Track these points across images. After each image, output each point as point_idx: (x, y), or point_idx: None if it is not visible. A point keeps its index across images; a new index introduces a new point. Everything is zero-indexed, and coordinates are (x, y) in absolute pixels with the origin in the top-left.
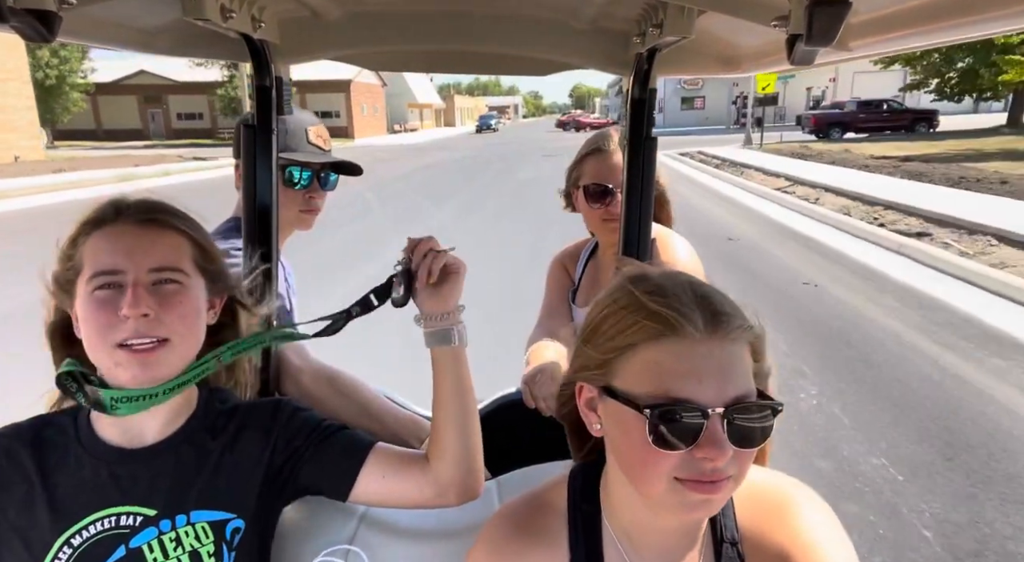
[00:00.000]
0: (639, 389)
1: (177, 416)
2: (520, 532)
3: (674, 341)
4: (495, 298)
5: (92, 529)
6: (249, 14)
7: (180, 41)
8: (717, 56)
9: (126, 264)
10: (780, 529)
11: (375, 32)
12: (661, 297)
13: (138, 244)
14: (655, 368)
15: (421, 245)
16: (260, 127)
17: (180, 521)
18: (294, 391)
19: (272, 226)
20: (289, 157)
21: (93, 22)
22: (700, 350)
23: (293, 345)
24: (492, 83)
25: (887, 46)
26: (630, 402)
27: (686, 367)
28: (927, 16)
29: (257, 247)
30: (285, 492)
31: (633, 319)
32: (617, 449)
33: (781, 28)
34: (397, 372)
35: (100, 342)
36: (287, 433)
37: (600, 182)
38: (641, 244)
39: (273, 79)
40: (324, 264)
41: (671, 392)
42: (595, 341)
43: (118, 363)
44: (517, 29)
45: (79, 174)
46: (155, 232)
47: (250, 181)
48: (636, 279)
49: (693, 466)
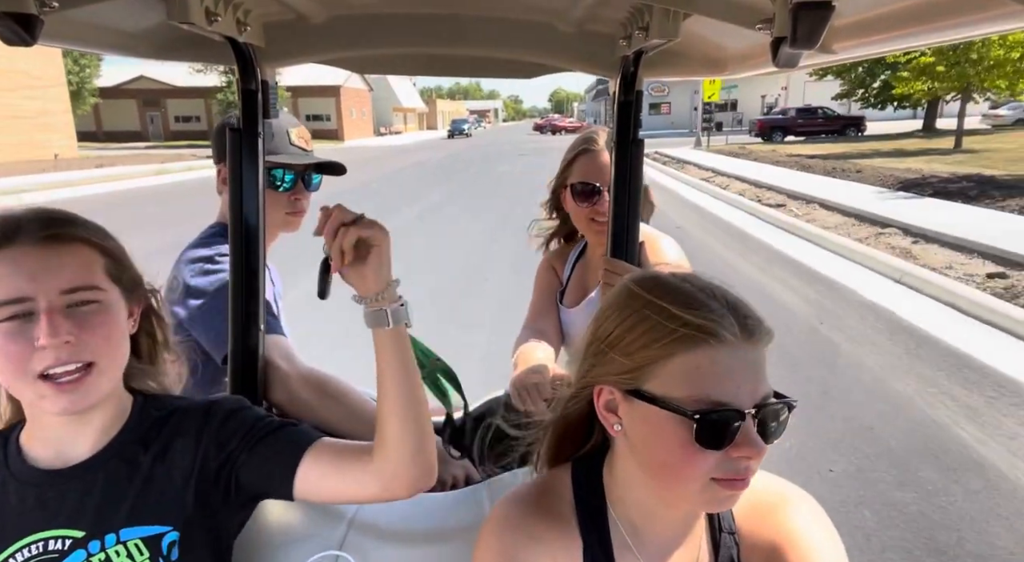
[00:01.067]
0: (678, 393)
1: (109, 429)
2: (534, 514)
3: (712, 347)
4: (479, 247)
5: (19, 557)
6: (234, 18)
7: (165, 45)
8: (703, 59)
9: (33, 289)
10: (773, 525)
11: (361, 35)
12: (695, 308)
13: (43, 266)
14: (695, 373)
15: (331, 220)
16: (246, 131)
17: (109, 541)
18: (282, 397)
19: (259, 231)
20: (274, 159)
21: (75, 26)
22: (736, 354)
23: (281, 350)
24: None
25: (871, 48)
26: (671, 406)
27: (724, 371)
28: (910, 19)
29: (243, 252)
30: (229, 497)
31: (670, 328)
32: (645, 449)
33: (766, 31)
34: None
35: (19, 375)
36: (219, 436)
37: (587, 181)
38: (629, 245)
39: (259, 83)
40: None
41: (712, 395)
42: (624, 348)
43: (43, 396)
44: (503, 32)
45: (118, 169)
46: (60, 248)
47: (236, 185)
48: (661, 289)
49: (729, 465)
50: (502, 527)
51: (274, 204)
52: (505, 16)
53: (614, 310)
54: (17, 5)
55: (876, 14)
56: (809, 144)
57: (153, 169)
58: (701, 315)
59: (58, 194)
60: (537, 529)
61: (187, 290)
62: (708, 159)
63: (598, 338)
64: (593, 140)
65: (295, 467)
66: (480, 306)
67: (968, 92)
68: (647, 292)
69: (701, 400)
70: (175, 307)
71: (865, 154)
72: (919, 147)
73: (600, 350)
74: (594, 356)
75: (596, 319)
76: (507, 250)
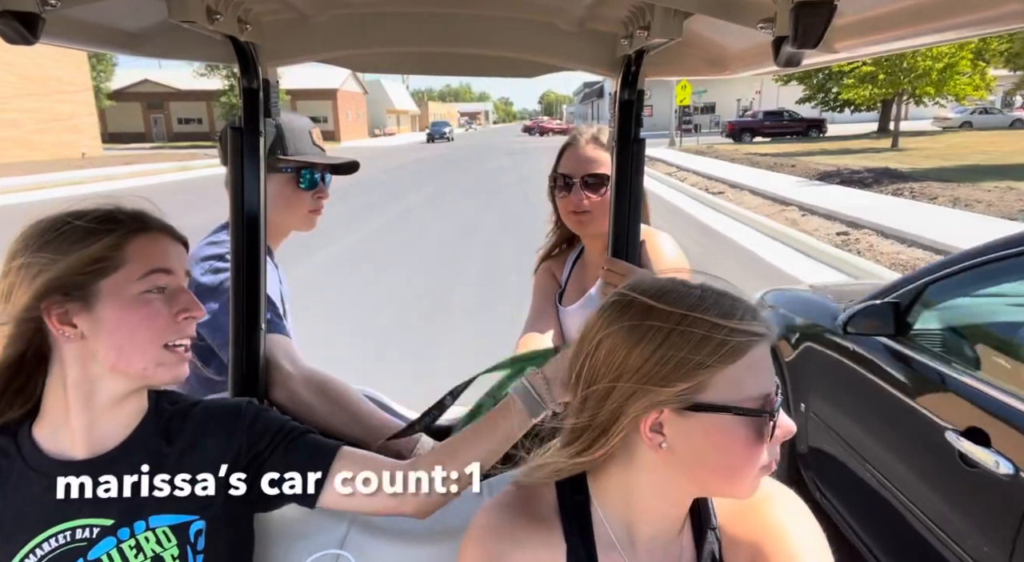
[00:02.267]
0: (736, 395)
1: (131, 422)
2: (515, 518)
3: (756, 347)
4: (474, 218)
5: (47, 546)
6: (235, 16)
7: (165, 43)
8: (705, 58)
9: (175, 267)
10: (755, 521)
11: (362, 34)
12: (732, 314)
13: (174, 250)
14: (748, 374)
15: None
16: (247, 129)
17: (139, 527)
18: (284, 397)
19: (261, 230)
20: (301, 159)
21: (76, 24)
22: (765, 348)
23: (285, 350)
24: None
25: (872, 48)
26: (738, 411)
27: (766, 364)
28: (911, 18)
29: (245, 251)
30: (251, 496)
31: (719, 339)
32: (703, 458)
33: (767, 30)
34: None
35: (151, 342)
36: (251, 436)
37: (565, 172)
38: (630, 245)
39: (260, 81)
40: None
41: (763, 390)
42: (669, 374)
43: (161, 363)
44: (504, 31)
45: (144, 165)
46: (176, 241)
47: (238, 184)
48: (684, 300)
49: (772, 452)
50: (484, 534)
51: (299, 203)
52: (506, 15)
53: (634, 334)
54: (19, 4)
55: (877, 13)
56: (773, 144)
57: (177, 166)
58: (741, 321)
59: (102, 186)
60: (519, 533)
61: (197, 288)
62: (677, 157)
63: (628, 371)
64: (579, 133)
65: (323, 480)
66: (477, 242)
67: (902, 97)
68: (672, 305)
69: (757, 397)
70: None
71: (813, 152)
72: (864, 146)
73: (637, 383)
74: (630, 393)
75: (610, 350)
76: (495, 218)
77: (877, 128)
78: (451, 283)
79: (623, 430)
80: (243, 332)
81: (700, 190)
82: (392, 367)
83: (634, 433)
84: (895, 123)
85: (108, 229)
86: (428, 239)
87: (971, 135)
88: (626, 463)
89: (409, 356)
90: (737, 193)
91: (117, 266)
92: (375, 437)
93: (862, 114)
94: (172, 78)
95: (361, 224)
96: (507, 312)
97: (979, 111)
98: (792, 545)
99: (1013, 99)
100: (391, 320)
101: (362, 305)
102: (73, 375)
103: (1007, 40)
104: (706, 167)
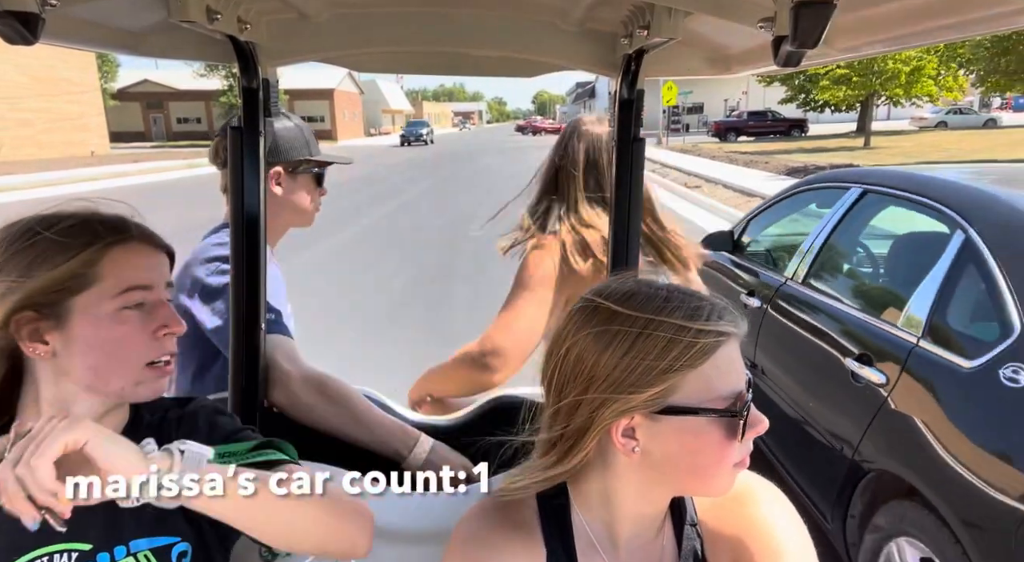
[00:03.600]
0: (708, 395)
1: None
2: (495, 524)
3: (725, 345)
4: (469, 206)
5: None
6: (235, 15)
7: (165, 43)
8: (704, 57)
9: (155, 280)
10: (737, 516)
11: (362, 33)
12: (699, 314)
13: (155, 261)
14: (717, 373)
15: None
16: (247, 129)
17: (119, 553)
18: (283, 398)
19: (261, 230)
20: (321, 158)
21: (77, 24)
22: (734, 346)
23: (284, 350)
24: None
25: (872, 47)
26: (710, 412)
27: (735, 361)
28: (911, 17)
29: (245, 251)
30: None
31: (687, 341)
32: (675, 460)
33: (767, 29)
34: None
35: (129, 363)
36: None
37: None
38: (630, 245)
39: (260, 81)
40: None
41: (733, 387)
42: (636, 380)
43: (140, 382)
44: (504, 30)
45: (153, 163)
46: (157, 249)
47: (237, 184)
48: (647, 302)
49: (744, 448)
50: (464, 543)
51: (314, 201)
52: (506, 15)
53: (601, 340)
54: (18, 3)
55: (877, 12)
56: (756, 143)
57: (184, 163)
58: (707, 322)
59: (115, 183)
60: (499, 540)
61: (204, 289)
62: (663, 155)
63: (596, 379)
64: (581, 119)
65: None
66: (477, 211)
67: (873, 98)
68: (638, 309)
69: (728, 396)
70: (190, 305)
71: (791, 151)
72: (839, 145)
73: (606, 391)
74: (600, 403)
75: (578, 358)
76: (487, 205)
77: (856, 128)
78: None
79: (596, 437)
80: (243, 332)
81: (679, 185)
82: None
83: (608, 438)
84: (867, 123)
85: (82, 242)
86: (431, 224)
87: (944, 134)
88: (603, 467)
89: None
90: (712, 187)
91: (91, 282)
92: (375, 437)
93: (843, 114)
94: (171, 78)
95: (369, 211)
96: (499, 275)
97: (954, 111)
98: (774, 541)
99: (990, 99)
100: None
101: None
102: (47, 393)
103: (960, 46)
104: (688, 164)
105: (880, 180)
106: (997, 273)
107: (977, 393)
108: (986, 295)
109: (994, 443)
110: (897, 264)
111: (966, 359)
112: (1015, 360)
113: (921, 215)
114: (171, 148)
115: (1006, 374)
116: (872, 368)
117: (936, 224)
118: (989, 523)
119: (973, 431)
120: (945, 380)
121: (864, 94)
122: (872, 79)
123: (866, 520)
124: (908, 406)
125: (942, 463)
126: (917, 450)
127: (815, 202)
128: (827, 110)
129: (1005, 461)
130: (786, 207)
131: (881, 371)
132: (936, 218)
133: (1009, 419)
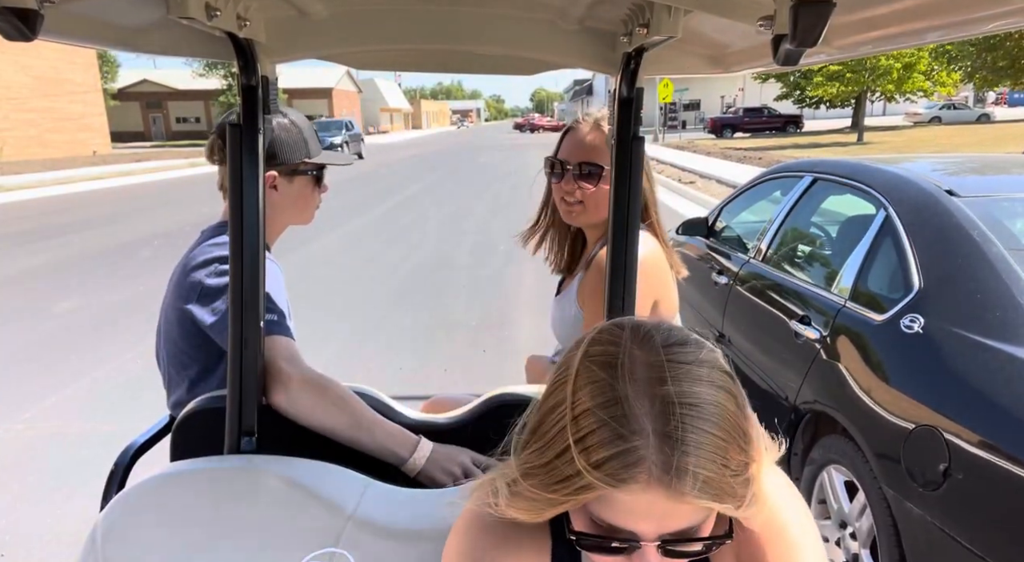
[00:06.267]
0: (607, 516)
1: None
2: (500, 522)
3: (620, 492)
4: (471, 195)
5: None
6: (234, 12)
7: (165, 40)
8: (704, 56)
9: (646, 529)
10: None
11: (362, 31)
12: (609, 445)
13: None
14: (613, 506)
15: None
16: (246, 127)
17: None
18: (282, 399)
19: (260, 229)
20: (325, 160)
21: (76, 20)
22: (647, 498)
23: (284, 351)
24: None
25: (872, 46)
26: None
27: (628, 507)
28: (910, 16)
29: (243, 251)
30: None
31: (574, 471)
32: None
33: (766, 28)
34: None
35: None
36: None
37: (562, 158)
38: (629, 245)
39: (259, 78)
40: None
41: (627, 526)
42: (560, 488)
43: None
44: (504, 28)
45: (156, 162)
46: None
47: (236, 182)
48: (583, 402)
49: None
50: (467, 533)
51: (314, 201)
52: (506, 13)
53: (532, 439)
54: (17, 0)
55: (877, 11)
56: (752, 140)
57: (186, 162)
58: (611, 465)
59: (121, 182)
60: (505, 531)
61: (205, 291)
62: (659, 152)
63: (535, 470)
64: (581, 119)
65: None
66: (475, 207)
67: (866, 94)
68: (571, 403)
69: (621, 529)
70: (192, 308)
71: (785, 146)
72: (833, 140)
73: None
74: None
75: (523, 445)
76: (487, 198)
77: (851, 124)
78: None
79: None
80: (242, 334)
81: (674, 180)
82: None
83: None
84: (860, 119)
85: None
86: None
87: (937, 129)
88: None
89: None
90: (706, 183)
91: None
92: (375, 440)
93: (839, 110)
94: (171, 78)
95: (380, 202)
96: (497, 265)
97: (948, 106)
98: (789, 533)
99: (985, 94)
100: (411, 268)
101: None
102: None
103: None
104: (684, 160)
105: (826, 169)
106: (906, 243)
107: (883, 340)
108: (897, 262)
109: (893, 379)
110: (839, 241)
111: (878, 314)
112: (912, 312)
113: (857, 198)
114: (171, 147)
115: (905, 323)
116: (810, 327)
117: (867, 206)
118: (888, 446)
119: (878, 370)
120: (862, 332)
121: (857, 90)
122: (864, 75)
123: (806, 456)
124: (835, 355)
125: (857, 399)
126: (841, 391)
127: (779, 190)
128: (822, 106)
129: (900, 391)
130: (754, 195)
131: (817, 329)
132: (867, 200)
133: (904, 358)
